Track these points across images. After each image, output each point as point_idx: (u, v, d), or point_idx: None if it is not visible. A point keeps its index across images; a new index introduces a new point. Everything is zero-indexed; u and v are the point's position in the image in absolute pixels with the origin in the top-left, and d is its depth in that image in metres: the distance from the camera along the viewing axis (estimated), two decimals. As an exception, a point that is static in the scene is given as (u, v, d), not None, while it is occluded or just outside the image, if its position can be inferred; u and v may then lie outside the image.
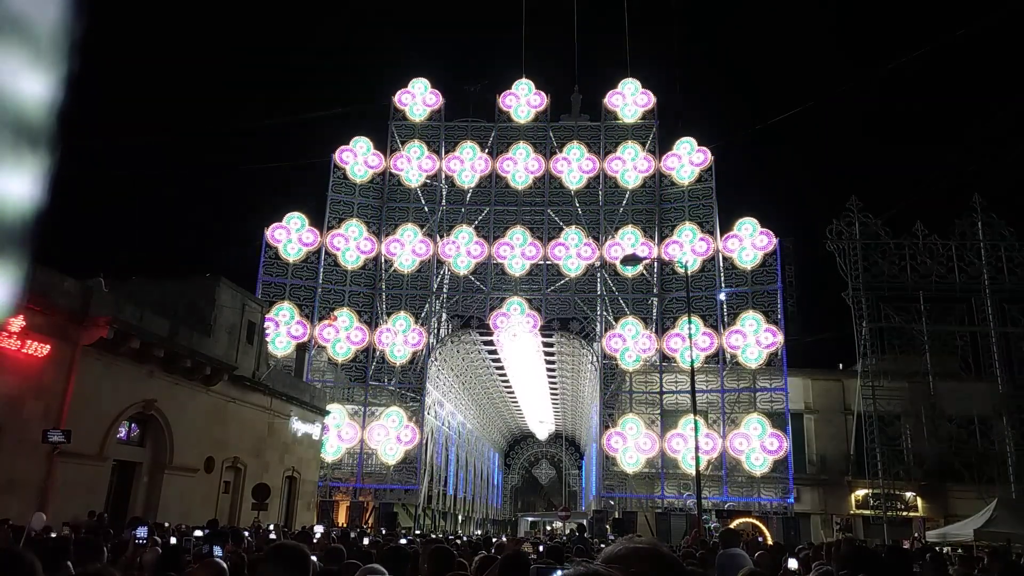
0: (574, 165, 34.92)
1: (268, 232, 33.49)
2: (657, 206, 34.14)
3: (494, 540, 15.34)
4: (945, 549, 18.61)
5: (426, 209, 35.11)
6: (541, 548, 9.28)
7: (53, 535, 10.46)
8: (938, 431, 27.93)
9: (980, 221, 29.67)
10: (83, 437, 16.07)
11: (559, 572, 1.50)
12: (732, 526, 24.04)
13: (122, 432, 18.87)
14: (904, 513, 28.74)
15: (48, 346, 15.67)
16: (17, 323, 14.70)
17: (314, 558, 6.49)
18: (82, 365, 16.69)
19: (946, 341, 28.85)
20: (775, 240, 32.25)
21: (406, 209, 35.23)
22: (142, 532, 6.99)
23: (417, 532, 26.03)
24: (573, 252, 33.76)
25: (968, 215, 29.83)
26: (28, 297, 14.89)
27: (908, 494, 29.01)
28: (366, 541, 13.05)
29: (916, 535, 25.21)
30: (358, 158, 35.46)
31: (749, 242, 32.53)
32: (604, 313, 33.11)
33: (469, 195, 35.13)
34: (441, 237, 34.58)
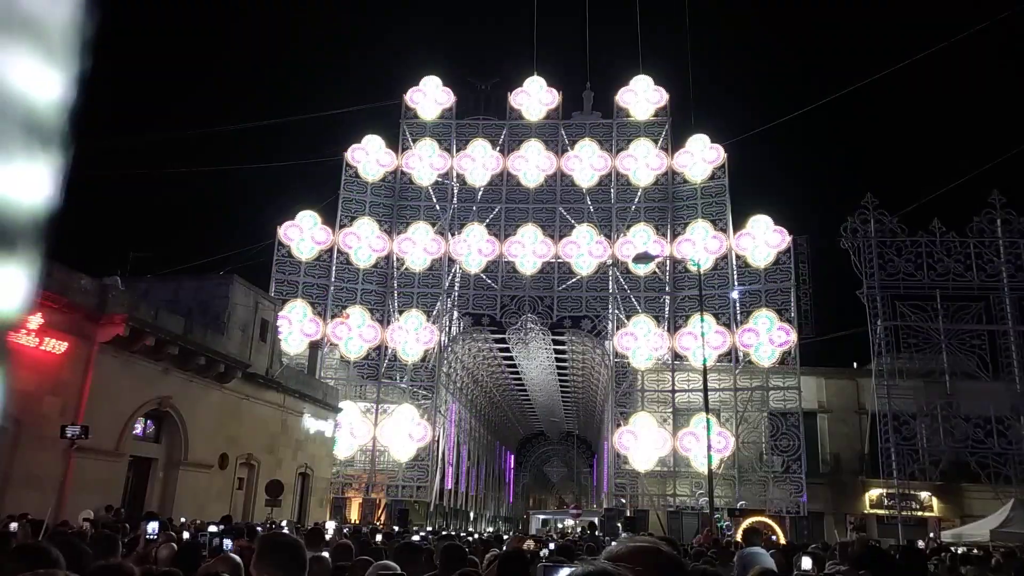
0: (585, 163, 34.85)
1: (281, 230, 33.67)
2: (670, 204, 34.02)
3: (505, 537, 15.38)
4: (960, 549, 18.43)
5: (437, 207, 35.18)
6: (552, 545, 9.29)
7: (68, 530, 10.59)
8: (954, 431, 27.64)
9: (999, 218, 29.31)
10: (100, 433, 16.26)
11: (565, 570, 1.51)
12: (745, 525, 23.96)
13: (138, 428, 19.08)
14: (919, 513, 28.49)
15: (66, 343, 15.87)
16: (36, 321, 14.89)
17: (326, 554, 6.53)
18: (99, 362, 16.89)
19: (963, 340, 28.54)
20: (789, 238, 32.04)
21: (418, 207, 35.32)
22: (152, 528, 7.06)
23: (429, 529, 26.12)
24: (585, 250, 33.71)
25: (986, 212, 29.48)
26: (46, 295, 15.08)
27: (923, 494, 28.75)
28: (379, 538, 13.12)
29: (931, 535, 25.01)
30: (370, 156, 35.57)
31: (762, 240, 32.34)
32: (616, 311, 33.05)
33: (480, 193, 35.17)
34: (452, 235, 34.65)
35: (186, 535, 8.49)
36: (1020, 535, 17.87)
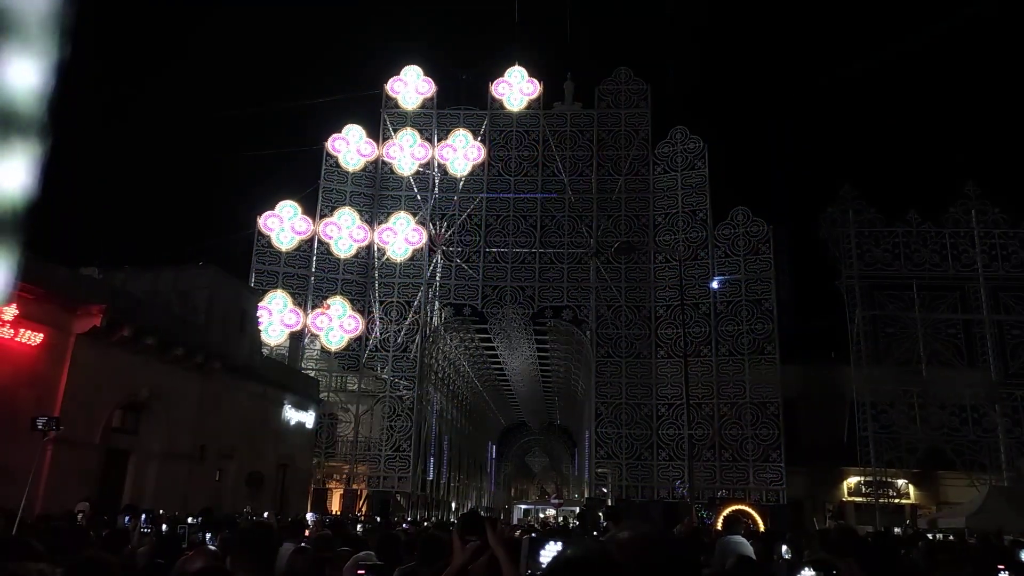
0: (567, 153, 34.84)
1: (261, 220, 33.33)
2: (650, 194, 34.11)
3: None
4: (936, 536, 18.78)
5: (419, 197, 35.01)
6: (533, 535, 9.33)
7: (46, 523, 10.44)
8: (930, 419, 28.10)
9: (974, 209, 29.69)
10: (77, 425, 16.04)
11: (553, 545, 1.50)
12: (725, 513, 24.26)
13: (115, 420, 18.85)
14: (896, 500, 28.97)
15: (42, 335, 15.63)
16: (11, 312, 14.64)
17: (306, 545, 6.49)
18: (75, 353, 16.65)
19: (939, 329, 28.97)
20: (768, 228, 32.28)
21: (399, 197, 35.12)
22: (144, 520, 6.99)
23: (409, 519, 26.12)
24: (566, 240, 33.74)
25: (962, 202, 29.87)
26: (22, 286, 14.81)
27: (900, 481, 29.22)
28: (360, 528, 13.09)
29: (908, 522, 25.45)
30: (351, 146, 35.28)
31: (742, 230, 32.57)
32: (597, 301, 33.13)
33: (462, 183, 35.04)
34: (434, 225, 34.51)
35: (164, 527, 8.41)
36: (995, 522, 18.23)
